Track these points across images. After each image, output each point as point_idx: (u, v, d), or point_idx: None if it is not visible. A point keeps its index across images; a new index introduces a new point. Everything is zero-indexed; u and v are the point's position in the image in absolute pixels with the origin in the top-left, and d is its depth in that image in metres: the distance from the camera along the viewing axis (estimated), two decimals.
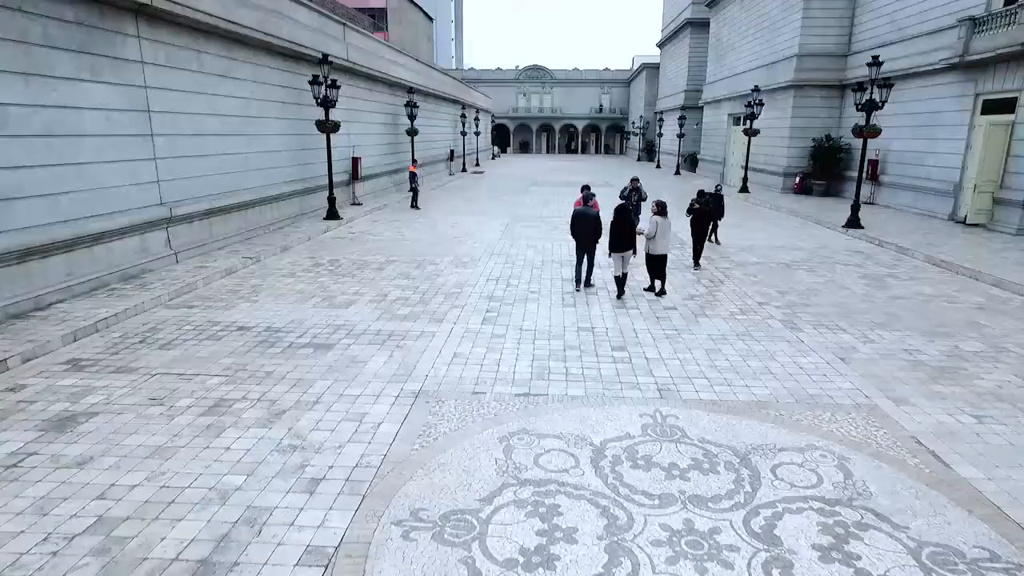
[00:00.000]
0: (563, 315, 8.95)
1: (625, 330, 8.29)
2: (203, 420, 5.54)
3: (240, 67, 13.89)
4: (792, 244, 14.96)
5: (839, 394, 6.28)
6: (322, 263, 12.31)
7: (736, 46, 33.47)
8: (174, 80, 11.49)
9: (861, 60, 23.48)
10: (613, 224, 10.03)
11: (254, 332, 8.02)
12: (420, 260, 12.69)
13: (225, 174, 13.31)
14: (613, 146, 78.69)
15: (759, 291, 10.43)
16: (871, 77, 15.67)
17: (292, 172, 16.61)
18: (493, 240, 15.18)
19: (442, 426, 5.49)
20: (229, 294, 9.87)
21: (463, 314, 8.95)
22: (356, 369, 6.81)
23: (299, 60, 16.94)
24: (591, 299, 9.84)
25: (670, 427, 5.51)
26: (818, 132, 25.29)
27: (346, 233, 16.00)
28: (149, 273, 10.56)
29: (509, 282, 10.90)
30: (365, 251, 13.59)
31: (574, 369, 6.88)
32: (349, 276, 11.20)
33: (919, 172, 19.88)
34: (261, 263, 12.22)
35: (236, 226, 13.70)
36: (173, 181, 11.49)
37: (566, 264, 12.28)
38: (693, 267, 12.59)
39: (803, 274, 11.76)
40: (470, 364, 7.00)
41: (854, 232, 16.19)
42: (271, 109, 15.49)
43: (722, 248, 14.26)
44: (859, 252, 14.00)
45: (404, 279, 11.03)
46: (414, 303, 9.50)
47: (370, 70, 22.37)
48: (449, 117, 39.06)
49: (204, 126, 12.50)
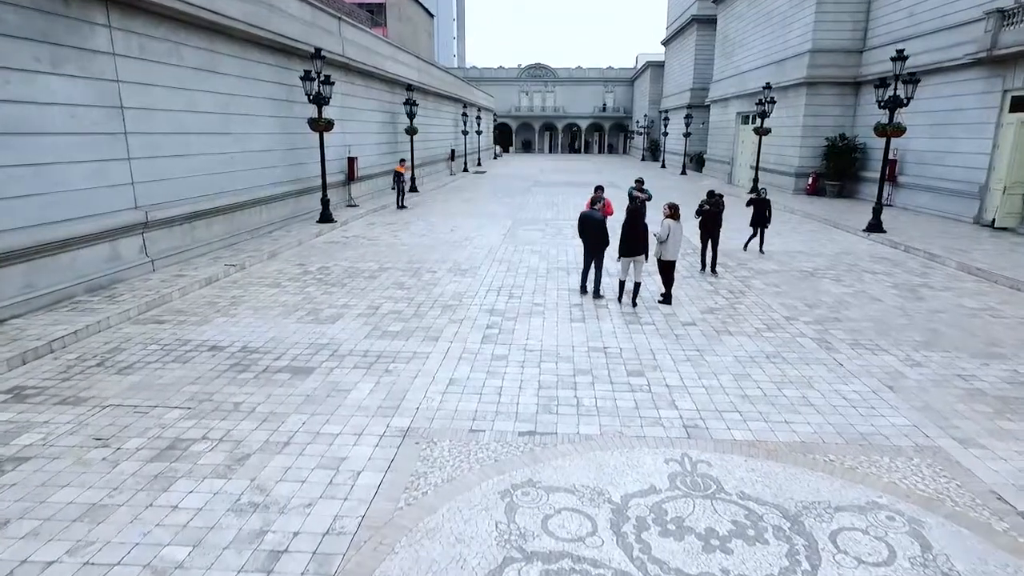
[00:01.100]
0: (571, 332, 8.09)
1: (641, 350, 7.43)
2: (152, 468, 4.70)
3: (225, 61, 13.05)
4: (812, 250, 14.09)
5: (894, 432, 5.42)
6: (311, 271, 11.47)
7: (744, 43, 32.57)
8: (150, 74, 10.65)
9: (877, 56, 22.67)
10: (625, 226, 9.27)
11: (227, 353, 7.18)
12: (416, 267, 11.85)
13: (208, 175, 12.48)
14: (616, 145, 77.77)
15: (784, 303, 9.57)
16: (895, 72, 14.79)
17: (283, 173, 15.78)
18: (494, 245, 14.33)
19: (433, 475, 4.64)
20: (206, 307, 9.04)
21: (461, 331, 8.10)
22: (337, 400, 5.97)
23: (291, 55, 16.11)
24: (601, 312, 8.99)
25: (702, 477, 4.66)
26: (831, 131, 24.39)
27: (339, 237, 15.17)
28: (121, 283, 9.73)
29: (512, 293, 10.05)
30: (358, 257, 12.75)
31: (586, 400, 6.03)
32: (338, 286, 10.36)
33: (939, 173, 18.99)
34: (246, 271, 11.39)
35: (221, 230, 12.87)
36: (150, 183, 10.66)
37: (572, 271, 11.43)
38: (699, 270, 11.84)
39: (828, 284, 10.89)
40: (467, 393, 6.16)
41: (876, 236, 15.31)
42: (260, 106, 14.66)
43: (740, 254, 13.39)
44: (885, 259, 13.12)
45: (398, 289, 10.19)
46: (407, 317, 8.65)
47: (367, 66, 21.53)
48: (450, 116, 38.22)
49: (185, 124, 11.67)
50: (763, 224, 13.11)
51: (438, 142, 34.82)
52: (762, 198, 13.01)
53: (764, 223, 13.10)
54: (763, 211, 13.05)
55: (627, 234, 9.25)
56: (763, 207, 13.02)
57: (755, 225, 13.21)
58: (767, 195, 13.24)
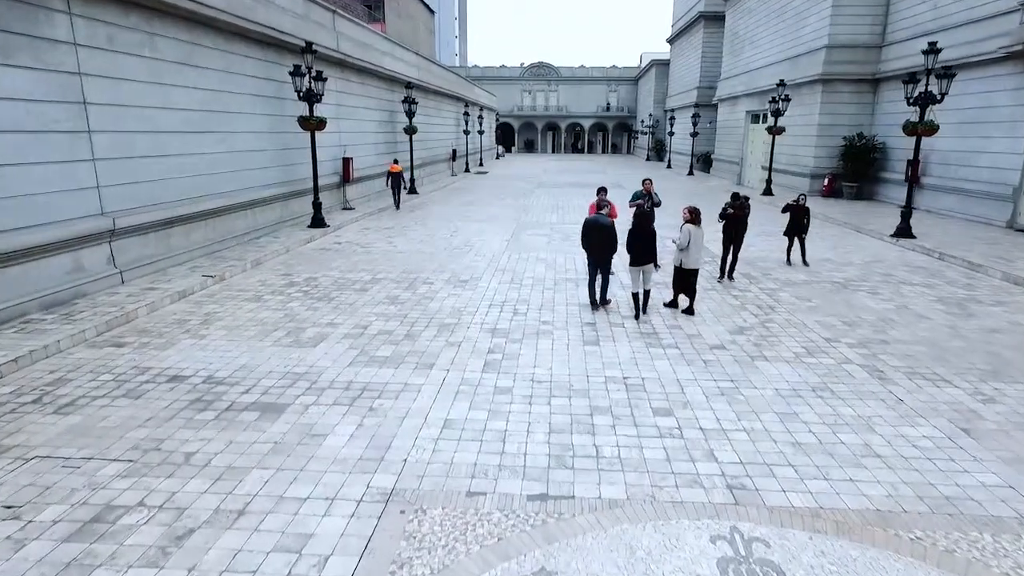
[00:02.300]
0: (585, 357, 7.12)
1: (666, 380, 6.45)
2: (65, 551, 3.73)
3: (206, 55, 12.09)
4: (840, 257, 13.08)
5: (987, 497, 4.43)
6: (297, 282, 10.51)
7: (755, 39, 31.54)
8: (120, 67, 9.70)
9: (896, 52, 21.67)
10: (632, 232, 8.39)
11: (189, 384, 6.22)
12: (412, 278, 10.88)
13: (188, 177, 11.52)
14: (620, 145, 76.75)
15: (820, 321, 8.58)
16: (926, 66, 13.77)
17: (272, 175, 14.83)
18: (497, 252, 13.36)
19: (420, 563, 3.67)
20: (174, 326, 8.08)
21: (459, 356, 7.12)
22: (310, 448, 5.00)
23: (281, 49, 15.16)
24: (617, 333, 8.00)
25: (761, 565, 3.67)
26: (848, 130, 23.37)
27: (331, 243, 14.20)
28: (83, 298, 8.78)
29: (516, 308, 9.07)
30: (350, 266, 11.78)
31: (607, 448, 5.05)
32: (325, 300, 9.40)
33: (967, 174, 17.97)
34: (225, 282, 10.43)
35: (202, 237, 11.91)
36: (119, 186, 9.71)
37: (581, 283, 10.45)
38: (718, 279, 10.91)
39: (865, 298, 9.89)
40: (466, 439, 5.18)
41: (906, 242, 14.30)
42: (247, 104, 13.71)
43: (763, 264, 12.40)
44: (921, 268, 12.11)
45: (391, 304, 9.22)
46: (399, 339, 7.68)
47: (364, 63, 20.57)
48: (451, 115, 37.26)
49: (161, 122, 10.71)
50: (800, 233, 11.91)
51: (439, 142, 33.85)
52: (800, 205, 11.76)
53: (802, 232, 11.90)
54: (801, 219, 11.80)
55: (635, 241, 8.42)
56: (801, 215, 11.77)
57: (791, 234, 12.01)
58: (806, 201, 11.90)
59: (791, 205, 11.84)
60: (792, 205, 11.82)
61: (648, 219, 8.56)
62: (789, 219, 11.93)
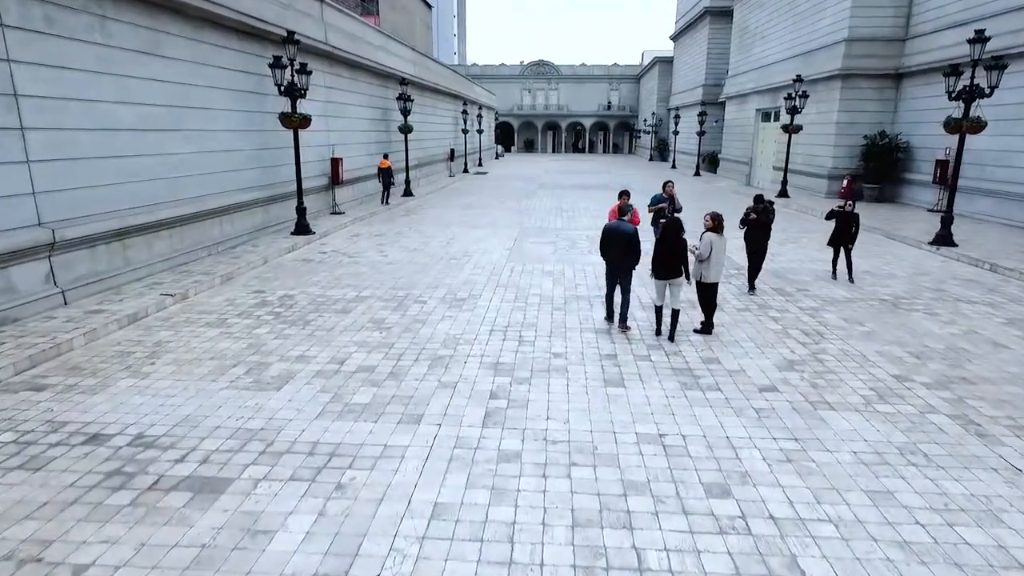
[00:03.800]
0: (608, 403, 5.80)
1: (714, 439, 5.14)
2: None
3: (172, 43, 10.77)
4: (878, 269, 11.77)
5: None
6: (270, 301, 9.19)
7: (765, 34, 30.21)
8: (62, 54, 8.38)
9: (922, 45, 20.40)
10: (660, 242, 7.43)
11: (110, 448, 4.90)
12: (402, 295, 9.57)
13: (149, 181, 10.20)
14: (622, 145, 75.41)
15: (882, 352, 7.27)
16: (973, 57, 12.46)
17: (250, 177, 13.50)
18: (498, 263, 12.04)
19: None
20: (114, 360, 6.75)
21: (454, 402, 5.81)
22: (248, 556, 3.68)
23: (263, 40, 13.86)
24: (643, 368, 6.68)
25: None
26: (868, 128, 22.06)
27: (315, 253, 12.87)
28: (11, 324, 7.45)
29: (522, 335, 7.75)
30: (333, 280, 10.46)
31: (651, 554, 3.72)
32: (299, 325, 8.08)
33: (1005, 175, 16.67)
34: (188, 301, 9.11)
35: (166, 248, 10.59)
36: (61, 192, 8.39)
37: (596, 302, 9.15)
38: (747, 291, 9.75)
39: (923, 319, 8.59)
40: (460, 538, 3.86)
41: (948, 251, 12.99)
42: (222, 99, 12.39)
43: (793, 276, 11.09)
44: (973, 282, 10.80)
45: (375, 329, 7.91)
46: (382, 378, 6.36)
47: (355, 56, 19.24)
48: (449, 114, 35.92)
49: (115, 118, 9.40)
50: (847, 243, 10.40)
51: (436, 141, 32.51)
52: (847, 211, 10.23)
53: (848, 242, 10.39)
54: (849, 227, 10.24)
55: (661, 252, 7.41)
56: (848, 222, 10.21)
57: (836, 244, 10.51)
58: (854, 208, 10.32)
59: (837, 211, 10.39)
60: (838, 211, 10.36)
61: (678, 229, 7.35)
62: (835, 226, 10.48)
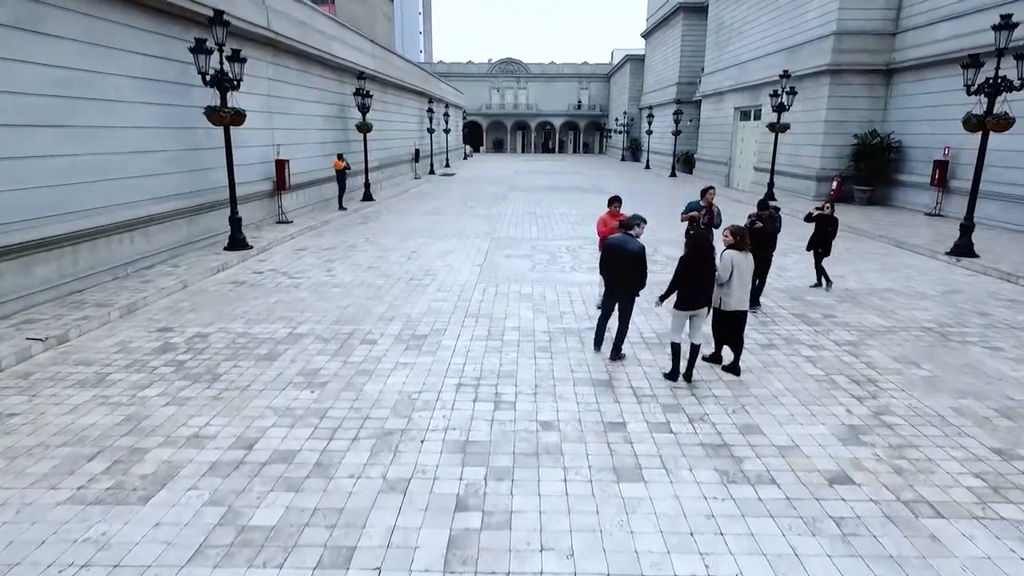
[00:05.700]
0: (628, 520, 4.03)
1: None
2: None
3: (59, 19, 8.67)
4: (902, 286, 10.31)
5: None
6: (175, 343, 7.20)
7: (744, 29, 28.98)
8: None
9: (914, 39, 19.30)
10: (686, 261, 5.77)
11: None
12: (347, 332, 7.67)
13: (25, 190, 8.10)
14: (592, 145, 74.13)
15: (957, 408, 5.68)
16: (997, 45, 11.11)
17: (171, 183, 11.39)
18: (467, 283, 10.22)
19: None
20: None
21: (402, 523, 3.96)
22: None
23: (187, 21, 11.73)
24: (663, 443, 4.95)
25: None
26: (858, 127, 20.89)
27: (249, 273, 10.85)
28: None
29: (499, 393, 5.94)
30: (263, 311, 8.51)
31: None
32: (205, 380, 6.13)
33: (1012, 177, 15.57)
34: (65, 346, 7.07)
35: (53, 273, 8.49)
36: None
37: (586, 335, 7.42)
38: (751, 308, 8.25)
39: (985, 356, 7.07)
40: None
41: (969, 263, 11.64)
42: (131, 89, 10.28)
43: (813, 296, 9.55)
44: (1014, 301, 9.40)
45: (305, 386, 6.02)
46: (302, 476, 4.48)
47: (305, 46, 17.18)
48: (413, 112, 33.87)
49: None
50: (820, 247, 9.70)
51: (400, 141, 30.46)
52: (825, 213, 9.52)
53: (820, 245, 9.67)
54: (826, 230, 9.54)
55: (689, 274, 5.78)
56: (825, 225, 9.52)
57: (814, 248, 9.80)
58: (833, 211, 9.60)
59: (818, 213, 9.63)
60: (818, 213, 9.62)
61: (708, 244, 5.75)
62: (814, 230, 9.73)
